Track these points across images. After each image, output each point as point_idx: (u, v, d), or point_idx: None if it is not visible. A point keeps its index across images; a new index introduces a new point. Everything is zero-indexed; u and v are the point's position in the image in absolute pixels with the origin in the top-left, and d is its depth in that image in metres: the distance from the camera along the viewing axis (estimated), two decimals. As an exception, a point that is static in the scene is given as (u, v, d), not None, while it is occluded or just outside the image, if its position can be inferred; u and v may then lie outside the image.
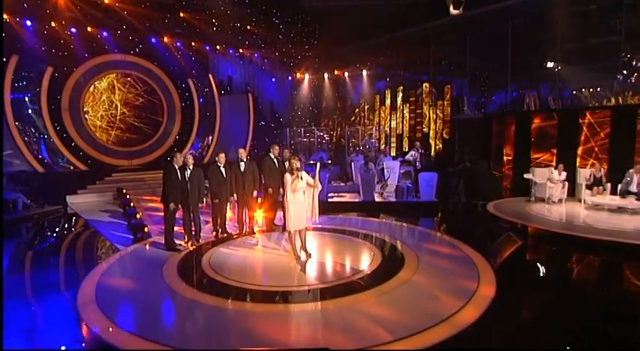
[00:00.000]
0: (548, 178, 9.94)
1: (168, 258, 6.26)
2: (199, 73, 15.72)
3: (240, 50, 16.32)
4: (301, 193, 5.96)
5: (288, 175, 5.84)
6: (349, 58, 16.67)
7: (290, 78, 18.00)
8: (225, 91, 16.52)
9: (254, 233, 7.42)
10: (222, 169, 7.08)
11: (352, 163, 11.62)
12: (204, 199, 6.80)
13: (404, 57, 15.31)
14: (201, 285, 5.14)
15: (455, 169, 10.42)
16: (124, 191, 11.63)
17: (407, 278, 5.20)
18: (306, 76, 17.76)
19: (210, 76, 15.95)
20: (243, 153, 7.30)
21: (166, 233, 6.55)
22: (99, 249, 7.22)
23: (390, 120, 16.29)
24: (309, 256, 6.13)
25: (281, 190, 7.16)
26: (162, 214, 6.62)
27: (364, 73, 16.61)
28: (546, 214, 8.66)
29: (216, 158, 7.10)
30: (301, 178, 5.76)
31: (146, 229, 7.43)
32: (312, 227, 6.91)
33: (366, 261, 5.97)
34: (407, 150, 14.94)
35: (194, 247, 6.67)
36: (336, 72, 17.24)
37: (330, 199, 10.09)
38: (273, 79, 17.66)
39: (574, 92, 12.25)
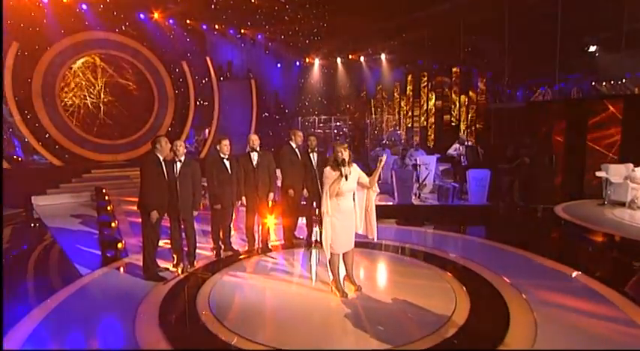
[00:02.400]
0: (626, 176, 8.02)
1: (147, 292, 4.20)
2: (195, 56, 14.21)
3: (242, 31, 15.08)
4: (349, 199, 3.92)
5: (329, 171, 3.80)
6: (366, 41, 15.29)
7: (298, 63, 16.74)
8: (225, 77, 15.02)
9: (270, 250, 5.45)
10: (227, 163, 5.09)
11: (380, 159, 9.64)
12: (201, 204, 4.82)
13: (430, 39, 13.83)
14: (194, 345, 3.18)
15: (509, 166, 8.46)
16: (104, 191, 9.54)
17: (526, 336, 3.17)
18: (316, 61, 16.47)
19: (208, 59, 14.37)
20: (255, 140, 5.31)
21: (145, 255, 4.49)
22: (53, 273, 5.11)
23: (413, 110, 14.73)
24: (358, 289, 4.11)
25: (305, 191, 5.41)
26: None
27: (383, 57, 15.29)
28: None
29: (217, 146, 5.08)
30: (347, 176, 3.70)
31: (120, 245, 5.34)
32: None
33: (447, 300, 3.98)
34: (433, 144, 13.23)
35: (186, 273, 4.60)
36: (350, 56, 15.86)
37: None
38: (279, 65, 16.39)
39: (593, 83, 11.44)
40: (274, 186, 5.47)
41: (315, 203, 5.61)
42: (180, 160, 4.53)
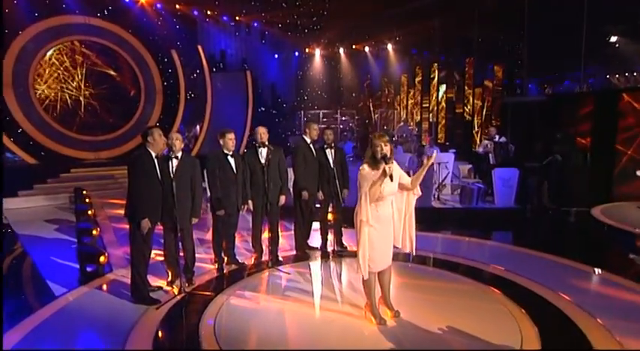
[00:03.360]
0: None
1: (137, 320, 3.55)
2: (186, 44, 13.73)
3: (237, 18, 14.63)
4: (388, 204, 3.33)
5: (367, 170, 3.21)
6: (371, 29, 14.88)
7: (297, 54, 16.46)
8: (218, 68, 14.62)
9: (280, 263, 4.88)
10: (231, 160, 4.47)
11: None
12: (201, 210, 4.17)
13: (441, 27, 13.35)
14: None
15: (539, 165, 7.94)
16: (84, 193, 8.85)
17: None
18: (317, 52, 16.11)
19: (200, 48, 13.82)
20: (264, 133, 4.74)
21: (134, 272, 3.83)
22: (21, 293, 4.41)
23: (422, 104, 14.34)
24: (396, 314, 3.52)
25: (320, 193, 5.05)
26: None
27: (390, 47, 14.89)
28: None
29: (221, 141, 4.48)
30: (391, 176, 3.18)
31: (102, 259, 4.66)
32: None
33: (507, 325, 3.40)
34: (444, 140, 12.79)
35: (184, 293, 3.97)
36: (354, 46, 15.54)
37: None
38: (276, 55, 16.11)
39: (607, 76, 11.15)
40: (286, 187, 4.85)
41: (330, 206, 5.17)
42: (176, 157, 3.90)
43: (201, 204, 4.17)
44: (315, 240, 5.45)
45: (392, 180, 3.20)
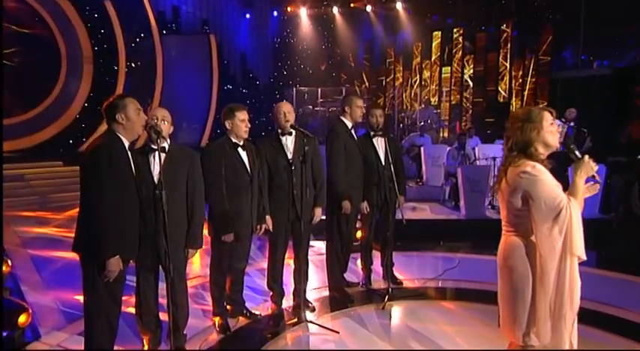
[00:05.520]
0: None
1: None
2: None
3: None
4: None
5: (542, 172, 2.37)
6: None
7: (275, 13, 16.13)
8: (170, 30, 14.33)
9: (312, 309, 4.13)
10: (243, 154, 3.65)
11: (422, 150, 8.71)
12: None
13: None
14: None
15: (626, 160, 7.54)
16: (-17, 203, 7.61)
17: None
18: (303, 11, 15.63)
19: (146, 3, 13.32)
20: (290, 113, 3.91)
21: (90, 344, 2.80)
22: None
23: (441, 81, 14.21)
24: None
25: (364, 205, 4.42)
26: (72, 266, 3.38)
27: (399, 5, 14.48)
28: None
29: (227, 122, 3.64)
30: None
31: (22, 319, 3.59)
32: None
33: None
34: (468, 127, 12.53)
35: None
36: (352, 4, 15.31)
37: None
38: (248, 15, 15.95)
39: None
40: (323, 196, 4.05)
41: (372, 223, 4.57)
42: (162, 149, 2.96)
43: (203, 225, 3.22)
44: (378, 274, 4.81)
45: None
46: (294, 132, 3.84)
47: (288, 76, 16.36)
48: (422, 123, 10.29)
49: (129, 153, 2.79)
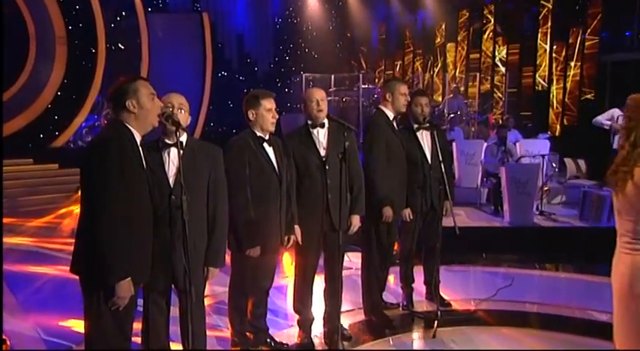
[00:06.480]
0: None
1: None
2: None
3: None
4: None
5: None
6: None
7: None
8: (156, 7, 14.64)
9: (349, 338, 3.98)
10: (269, 150, 3.51)
11: (454, 146, 9.11)
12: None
13: None
14: None
15: None
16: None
17: None
18: None
19: None
20: (323, 100, 3.73)
21: None
22: None
23: (468, 66, 14.34)
24: None
25: (407, 212, 4.32)
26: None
27: None
28: None
29: (251, 112, 3.49)
30: None
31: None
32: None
33: None
34: (502, 120, 12.60)
35: None
36: None
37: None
38: None
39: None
40: (362, 202, 3.85)
41: (415, 232, 4.47)
42: (178, 144, 2.78)
43: (226, 238, 3.06)
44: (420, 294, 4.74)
45: None
46: (326, 123, 3.67)
47: (290, 62, 16.46)
48: (452, 115, 10.17)
49: (140, 149, 2.59)
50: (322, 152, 3.64)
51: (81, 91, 12.82)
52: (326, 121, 3.70)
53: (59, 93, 12.56)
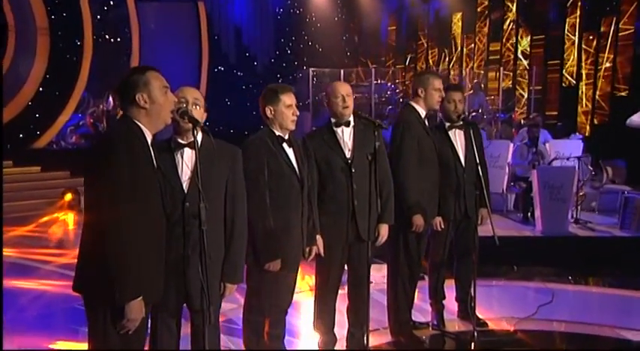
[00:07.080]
0: None
1: None
2: None
3: None
4: None
5: None
6: None
7: None
8: None
9: None
10: (289, 151, 3.45)
11: None
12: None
13: None
14: None
15: None
16: None
17: None
18: None
19: None
20: (349, 96, 3.73)
21: None
22: None
23: (488, 59, 14.59)
24: None
25: (438, 220, 4.32)
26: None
27: None
28: None
29: (268, 109, 3.42)
30: None
31: None
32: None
33: None
34: (525, 117, 12.99)
35: None
36: None
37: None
38: None
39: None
40: (391, 209, 3.81)
41: (447, 243, 4.45)
42: (192, 144, 2.75)
43: (244, 252, 2.98)
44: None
45: None
46: (351, 121, 3.62)
47: (293, 56, 16.71)
48: (473, 113, 10.23)
49: (152, 150, 2.49)
50: (347, 153, 3.60)
51: (65, 86, 12.86)
52: (351, 118, 3.65)
53: (41, 89, 12.58)
